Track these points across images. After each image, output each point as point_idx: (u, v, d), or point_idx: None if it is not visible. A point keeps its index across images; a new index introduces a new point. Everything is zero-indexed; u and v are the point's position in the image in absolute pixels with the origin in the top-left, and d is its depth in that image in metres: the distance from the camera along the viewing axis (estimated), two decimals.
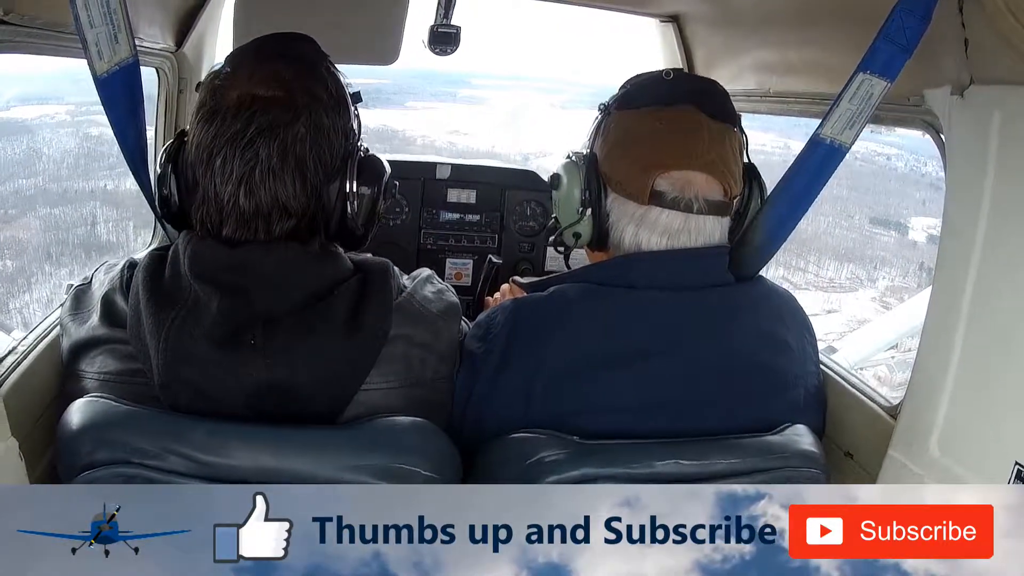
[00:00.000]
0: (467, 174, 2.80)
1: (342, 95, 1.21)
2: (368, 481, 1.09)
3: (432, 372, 1.26)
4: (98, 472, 1.06)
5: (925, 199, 7.45)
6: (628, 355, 1.25)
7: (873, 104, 1.27)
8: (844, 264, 8.47)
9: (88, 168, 6.04)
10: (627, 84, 1.42)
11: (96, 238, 5.79)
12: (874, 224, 8.45)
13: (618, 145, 1.36)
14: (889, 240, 8.39)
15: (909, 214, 8.09)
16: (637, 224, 1.32)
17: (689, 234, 1.31)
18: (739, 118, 1.40)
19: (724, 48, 2.18)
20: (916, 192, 7.87)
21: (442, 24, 2.12)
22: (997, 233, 1.18)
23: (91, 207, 5.78)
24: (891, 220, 8.29)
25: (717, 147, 1.32)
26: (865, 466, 1.47)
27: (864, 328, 5.13)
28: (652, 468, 1.16)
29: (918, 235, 7.83)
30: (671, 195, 1.30)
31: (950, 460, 1.24)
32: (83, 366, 1.20)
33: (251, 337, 1.09)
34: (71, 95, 6.43)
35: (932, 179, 6.17)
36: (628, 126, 1.36)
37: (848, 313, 8.11)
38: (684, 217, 1.30)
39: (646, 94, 1.38)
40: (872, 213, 8.38)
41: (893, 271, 8.18)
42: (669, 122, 1.33)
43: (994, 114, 1.17)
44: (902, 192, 8.11)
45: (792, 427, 1.27)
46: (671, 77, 1.39)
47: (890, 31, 1.22)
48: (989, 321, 1.20)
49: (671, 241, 1.31)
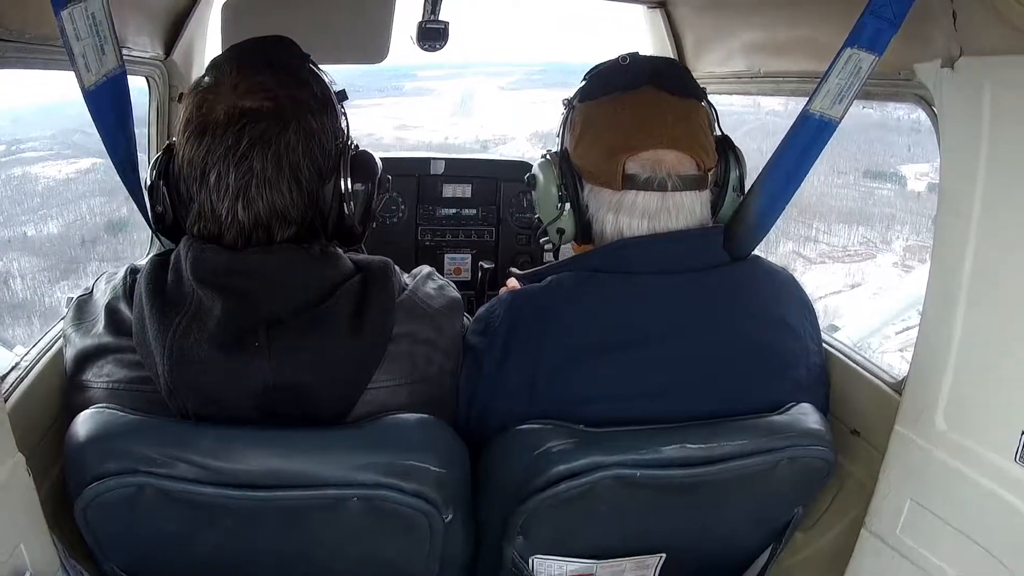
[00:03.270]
0: (461, 168, 2.80)
1: (328, 96, 1.21)
2: (379, 479, 1.09)
3: (437, 368, 1.27)
4: (108, 483, 1.06)
5: (910, 144, 7.23)
6: (629, 341, 1.25)
7: (862, 78, 1.27)
8: (853, 227, 8.25)
9: (10, 214, 5.64)
10: (587, 76, 1.43)
11: (11, 295, 5.35)
12: (868, 178, 8.26)
13: (584, 136, 1.37)
14: (888, 193, 8.20)
15: (897, 162, 7.89)
16: (616, 211, 1.33)
17: (669, 213, 1.32)
18: (704, 91, 1.40)
19: (713, 32, 2.18)
20: (898, 137, 7.65)
21: (430, 20, 2.12)
22: (994, 204, 1.19)
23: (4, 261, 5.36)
24: (883, 172, 8.11)
25: (683, 123, 1.33)
26: (872, 442, 1.47)
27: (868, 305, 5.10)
28: (659, 453, 1.17)
29: (915, 184, 7.62)
30: (643, 176, 1.30)
31: (957, 433, 1.25)
32: (89, 376, 1.20)
33: (255, 340, 1.08)
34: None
35: (910, 122, 6.03)
36: (591, 116, 1.37)
37: (875, 284, 7.83)
38: (660, 196, 1.31)
39: (606, 83, 1.38)
40: (861, 166, 8.19)
41: (905, 229, 7.95)
42: (631, 106, 1.33)
43: (984, 85, 1.17)
44: (884, 140, 7.88)
45: (797, 406, 1.27)
46: (627, 62, 1.40)
47: (876, 5, 1.21)
48: (989, 292, 1.20)
49: (652, 223, 1.31)
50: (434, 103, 20.40)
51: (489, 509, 1.26)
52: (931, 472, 1.27)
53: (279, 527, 1.15)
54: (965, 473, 1.22)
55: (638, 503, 1.21)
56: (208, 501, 1.08)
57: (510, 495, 1.19)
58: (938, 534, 1.26)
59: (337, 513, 1.11)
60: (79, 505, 1.08)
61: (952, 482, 1.24)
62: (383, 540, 1.18)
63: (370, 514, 1.12)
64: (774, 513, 1.36)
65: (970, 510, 1.22)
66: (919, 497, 1.29)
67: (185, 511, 1.10)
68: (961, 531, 1.22)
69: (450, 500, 1.15)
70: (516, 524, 1.20)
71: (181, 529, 1.14)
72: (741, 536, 1.39)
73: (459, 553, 1.27)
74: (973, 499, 1.21)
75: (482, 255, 2.51)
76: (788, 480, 1.26)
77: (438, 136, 15.73)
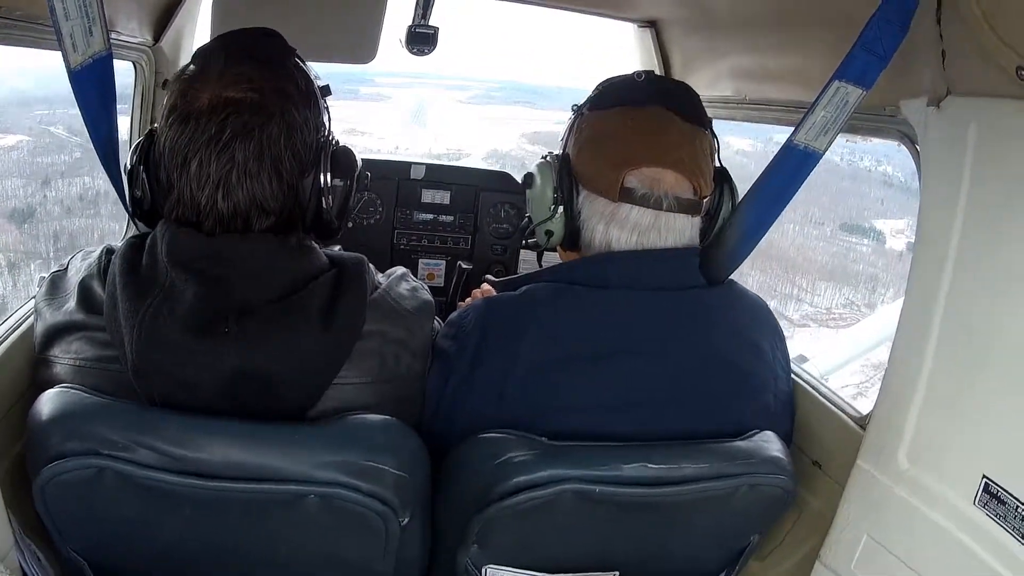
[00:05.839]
0: (442, 175, 2.81)
1: (311, 90, 1.22)
2: (338, 478, 1.10)
3: (405, 368, 1.27)
4: (67, 463, 1.06)
5: (883, 198, 7.17)
6: (600, 354, 1.26)
7: (848, 111, 1.27)
8: (838, 287, 8.16)
9: None
10: (600, 86, 1.44)
11: None
12: (847, 232, 8.19)
13: (589, 143, 1.37)
14: (866, 250, 8.13)
15: (872, 216, 7.84)
16: (607, 221, 1.33)
17: (659, 232, 1.32)
18: (710, 121, 1.41)
19: (701, 53, 2.18)
20: (877, 191, 7.60)
21: (420, 24, 2.12)
22: (971, 244, 1.19)
23: None
24: (863, 226, 8.06)
25: (687, 146, 1.34)
26: (832, 475, 1.47)
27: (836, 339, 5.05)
28: (620, 471, 1.17)
29: (895, 241, 7.55)
30: (640, 191, 1.31)
31: (918, 471, 1.25)
32: (57, 352, 1.19)
33: (225, 326, 1.09)
34: None
35: (889, 178, 5.99)
36: (599, 125, 1.38)
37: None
38: (654, 215, 1.31)
39: (618, 95, 1.39)
40: (841, 219, 8.14)
41: (889, 290, 7.86)
42: (640, 121, 1.34)
43: (970, 126, 1.17)
44: (864, 193, 7.84)
45: (760, 433, 1.27)
46: (643, 79, 1.41)
47: (867, 40, 1.22)
48: (960, 333, 1.20)
49: (640, 239, 1.32)
50: (387, 110, 20.31)
51: (447, 514, 1.27)
52: (890, 509, 1.28)
53: (238, 519, 1.15)
54: (923, 512, 1.22)
55: (596, 519, 1.22)
56: (168, 489, 1.08)
57: (469, 502, 1.20)
58: (892, 571, 1.26)
59: (296, 509, 1.11)
60: (37, 484, 1.08)
61: (910, 520, 1.24)
62: (340, 538, 1.19)
63: (328, 512, 1.12)
64: (731, 538, 1.37)
65: (926, 550, 1.22)
66: (876, 533, 1.30)
67: (145, 497, 1.09)
68: (915, 570, 1.22)
69: (408, 503, 1.15)
70: (473, 532, 1.20)
71: (140, 515, 1.14)
72: (697, 558, 1.39)
73: (416, 556, 1.27)
74: (930, 539, 1.21)
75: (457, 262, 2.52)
76: (747, 506, 1.26)
77: (387, 144, 15.53)
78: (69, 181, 8.29)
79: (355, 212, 1.30)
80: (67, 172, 8.42)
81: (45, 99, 7.82)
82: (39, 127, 8.17)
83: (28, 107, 7.95)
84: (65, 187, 8.34)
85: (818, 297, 7.95)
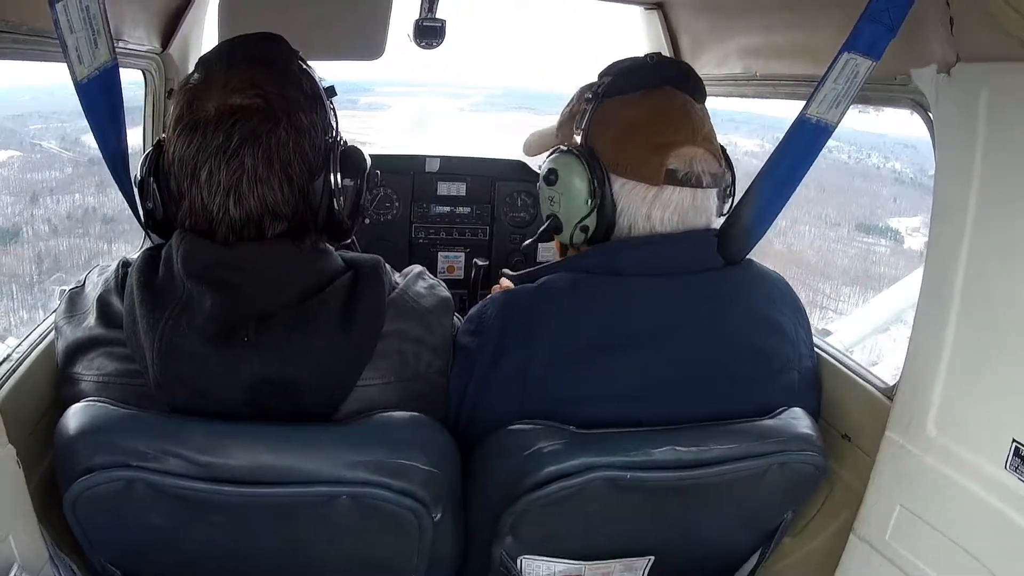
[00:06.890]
0: (457, 167, 2.79)
1: (317, 92, 1.21)
2: (368, 477, 1.09)
3: (426, 366, 1.26)
4: (97, 476, 1.06)
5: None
6: (621, 342, 1.25)
7: (859, 83, 1.27)
8: (863, 291, 7.94)
9: None
10: (612, 72, 1.43)
11: None
12: (862, 231, 8.07)
13: (623, 131, 1.36)
14: (883, 250, 8.00)
15: (886, 214, 7.76)
16: (650, 205, 1.34)
17: (697, 211, 1.34)
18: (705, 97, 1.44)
19: (709, 34, 2.18)
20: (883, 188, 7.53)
21: (427, 18, 2.12)
22: (988, 211, 1.18)
23: None
24: (875, 224, 7.96)
25: (706, 122, 1.37)
26: (863, 448, 1.47)
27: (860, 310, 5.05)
28: (650, 455, 1.17)
29: (910, 239, 7.47)
30: (682, 172, 1.32)
31: (947, 439, 1.25)
32: (80, 368, 1.19)
33: (244, 334, 1.08)
34: None
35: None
36: (625, 112, 1.37)
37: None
38: (693, 193, 1.33)
39: (634, 80, 1.39)
40: (854, 219, 8.04)
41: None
42: (664, 102, 1.36)
43: (981, 91, 1.16)
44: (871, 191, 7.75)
45: (789, 410, 1.27)
46: (654, 61, 1.42)
47: (874, 10, 1.21)
48: (982, 299, 1.20)
49: (682, 220, 1.33)
50: (387, 120, 20.28)
51: (479, 509, 1.26)
52: (921, 478, 1.27)
53: (269, 523, 1.15)
54: (955, 480, 1.22)
55: (628, 505, 1.21)
56: (198, 496, 1.07)
57: (500, 495, 1.19)
58: (927, 540, 1.26)
59: (327, 510, 1.11)
60: (68, 498, 1.08)
61: (942, 489, 1.24)
62: (372, 538, 1.18)
63: (359, 512, 1.11)
64: (763, 517, 1.36)
65: (959, 517, 1.21)
66: (909, 503, 1.29)
67: (175, 506, 1.09)
68: (950, 538, 1.22)
69: (439, 499, 1.15)
70: (506, 524, 1.20)
71: (170, 524, 1.14)
72: (730, 539, 1.39)
73: (448, 552, 1.27)
74: (962, 506, 1.21)
75: (476, 253, 2.50)
76: (778, 484, 1.26)
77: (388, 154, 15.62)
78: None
79: (370, 209, 1.29)
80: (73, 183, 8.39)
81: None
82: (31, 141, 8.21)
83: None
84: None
85: (842, 303, 7.79)
